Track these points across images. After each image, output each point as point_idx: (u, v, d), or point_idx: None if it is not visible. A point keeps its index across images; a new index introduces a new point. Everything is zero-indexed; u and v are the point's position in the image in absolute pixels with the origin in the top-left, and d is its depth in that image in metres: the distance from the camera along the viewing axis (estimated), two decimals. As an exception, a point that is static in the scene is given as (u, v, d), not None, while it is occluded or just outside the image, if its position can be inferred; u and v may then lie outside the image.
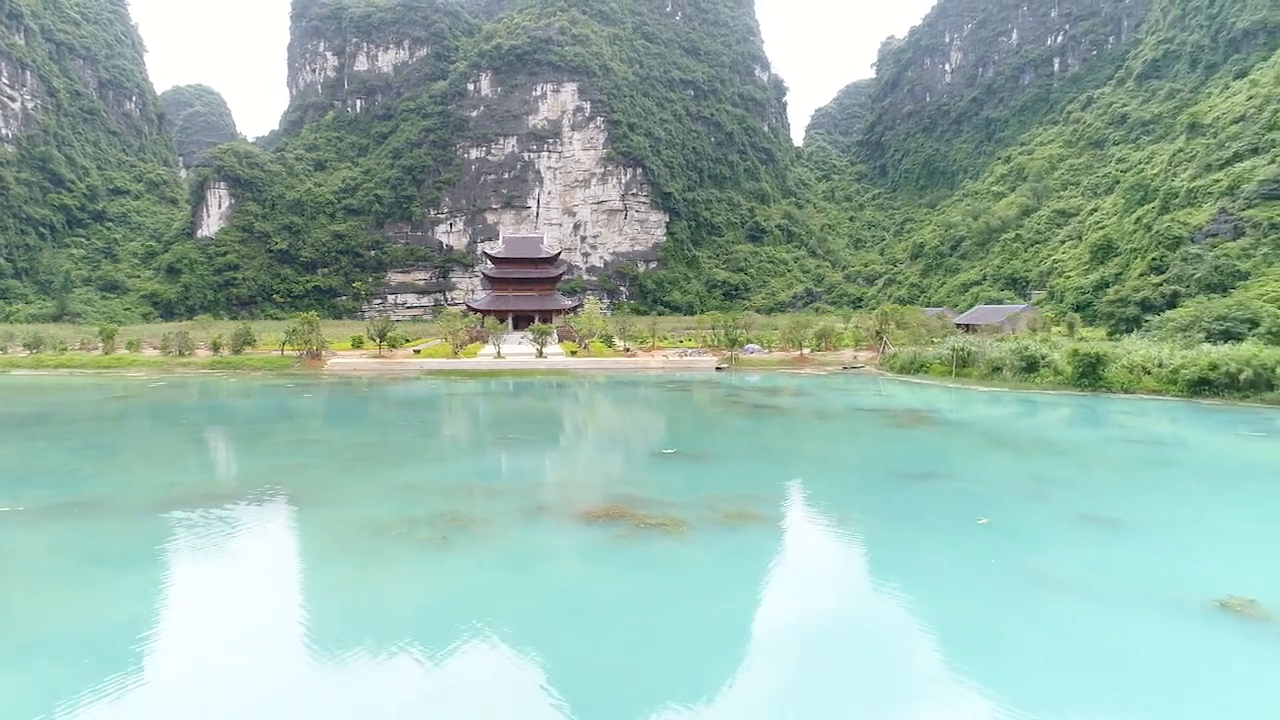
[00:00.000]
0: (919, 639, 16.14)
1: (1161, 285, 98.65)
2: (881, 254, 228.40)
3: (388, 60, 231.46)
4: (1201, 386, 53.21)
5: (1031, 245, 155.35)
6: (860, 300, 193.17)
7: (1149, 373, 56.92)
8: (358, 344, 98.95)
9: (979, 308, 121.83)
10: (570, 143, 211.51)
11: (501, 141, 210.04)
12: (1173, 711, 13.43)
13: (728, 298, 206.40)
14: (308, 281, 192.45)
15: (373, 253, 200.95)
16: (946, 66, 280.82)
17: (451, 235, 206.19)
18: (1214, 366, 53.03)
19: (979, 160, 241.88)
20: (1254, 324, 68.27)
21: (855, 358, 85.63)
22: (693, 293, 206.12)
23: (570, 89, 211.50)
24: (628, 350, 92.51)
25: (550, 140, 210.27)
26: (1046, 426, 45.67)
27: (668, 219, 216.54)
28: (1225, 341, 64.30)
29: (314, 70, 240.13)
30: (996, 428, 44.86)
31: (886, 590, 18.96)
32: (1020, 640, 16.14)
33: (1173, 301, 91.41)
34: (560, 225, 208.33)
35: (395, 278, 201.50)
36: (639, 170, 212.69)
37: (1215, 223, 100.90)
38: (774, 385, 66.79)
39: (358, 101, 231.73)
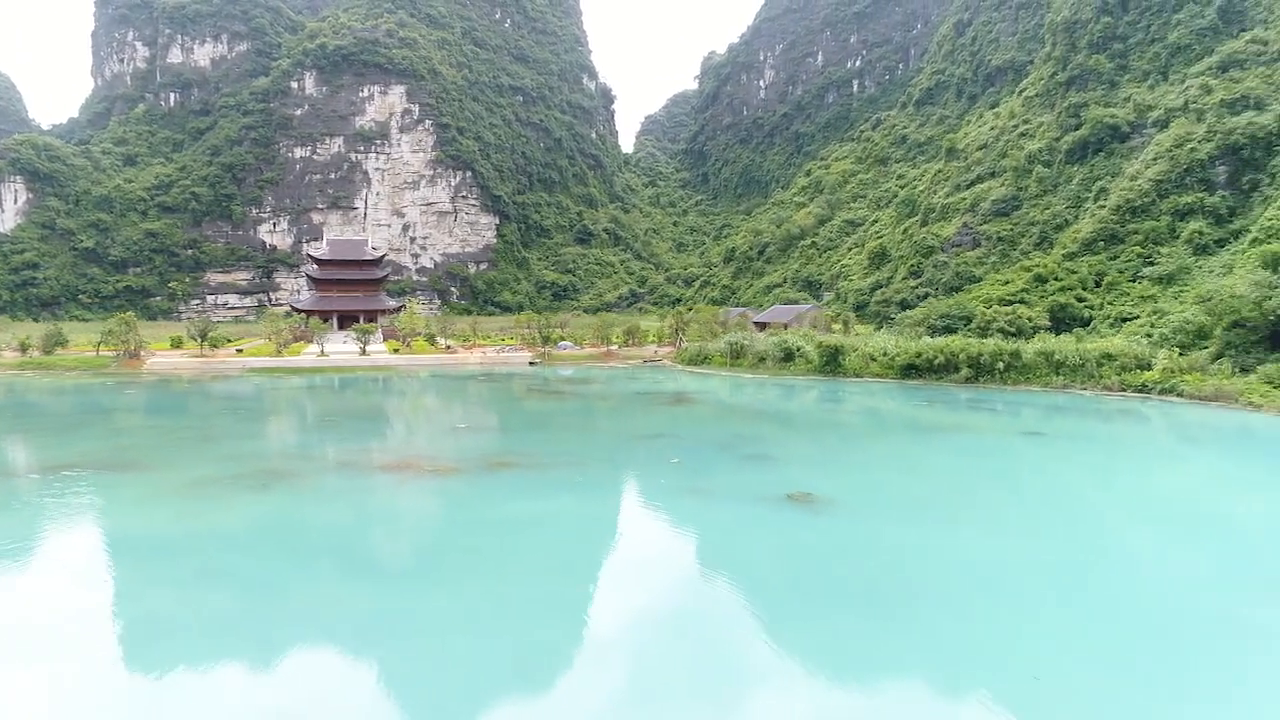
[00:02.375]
0: (600, 524, 24.88)
1: (916, 287, 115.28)
2: (701, 257, 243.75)
3: (204, 54, 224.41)
4: (909, 370, 66.29)
5: (825, 251, 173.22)
6: (680, 300, 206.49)
7: (875, 360, 69.76)
8: (177, 344, 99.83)
9: (774, 308, 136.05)
10: (399, 145, 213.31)
11: (327, 141, 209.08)
12: (747, 548, 22.66)
13: (557, 298, 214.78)
14: (118, 281, 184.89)
15: (190, 252, 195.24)
16: (761, 83, 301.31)
17: (275, 235, 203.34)
18: (919, 354, 66.26)
19: (789, 171, 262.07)
20: (968, 320, 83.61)
21: (656, 352, 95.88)
22: (523, 293, 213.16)
23: (398, 91, 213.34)
24: (449, 348, 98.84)
25: (378, 142, 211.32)
26: (775, 401, 56.67)
27: (498, 221, 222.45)
28: (945, 334, 78.62)
29: (122, 60, 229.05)
30: (735, 403, 55.44)
31: (586, 498, 27.68)
32: (658, 522, 25.22)
33: (922, 301, 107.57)
34: (389, 226, 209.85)
35: (215, 278, 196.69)
36: (469, 173, 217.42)
37: (959, 235, 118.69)
38: (577, 376, 75.53)
39: (172, 95, 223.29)
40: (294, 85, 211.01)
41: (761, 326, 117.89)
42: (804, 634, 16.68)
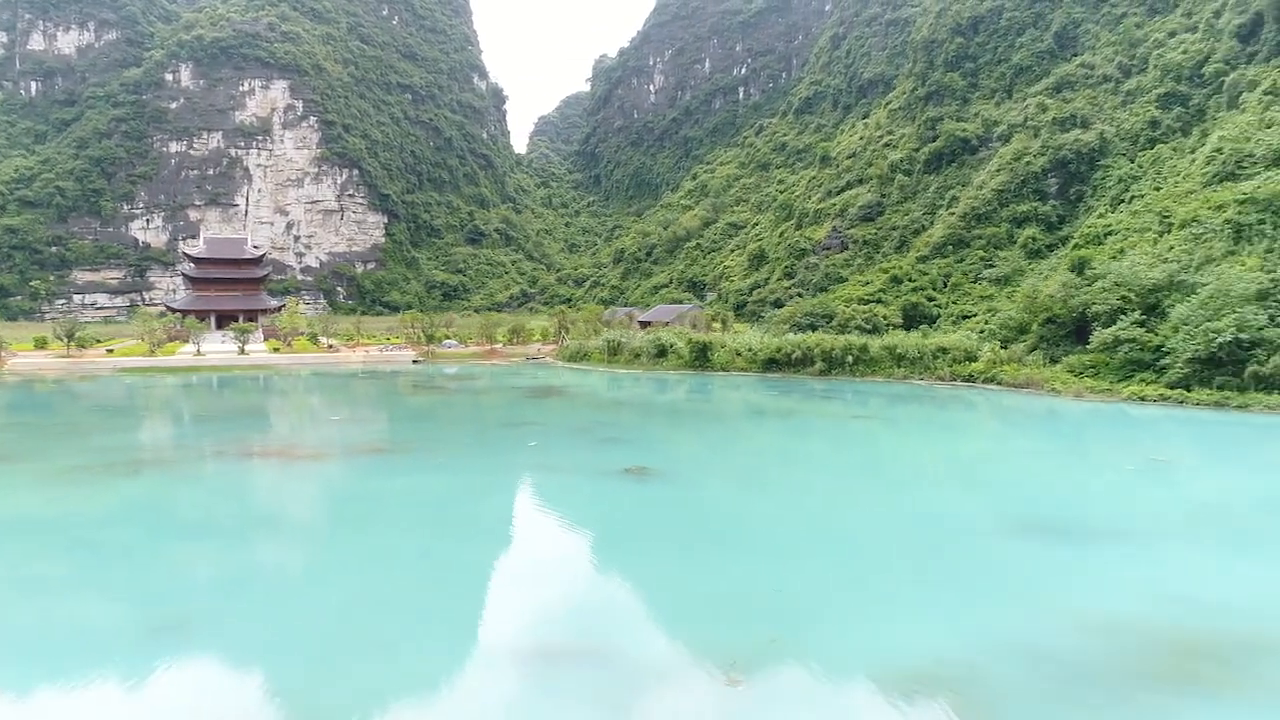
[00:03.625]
0: (455, 494, 27.74)
1: (790, 288, 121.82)
2: (592, 258, 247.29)
3: (69, 41, 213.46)
4: (771, 364, 71.31)
5: (709, 253, 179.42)
6: (570, 301, 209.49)
7: (740, 355, 74.56)
8: (41, 345, 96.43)
9: (658, 307, 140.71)
10: (282, 141, 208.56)
11: (205, 136, 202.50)
12: (580, 507, 25.91)
13: (447, 298, 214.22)
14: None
15: (54, 249, 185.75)
16: (651, 87, 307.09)
17: (149, 232, 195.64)
18: (779, 350, 71.38)
19: (678, 175, 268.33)
20: (830, 318, 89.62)
21: (539, 351, 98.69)
22: (412, 293, 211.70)
23: (281, 86, 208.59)
24: (332, 347, 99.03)
25: (260, 137, 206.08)
26: (640, 393, 60.48)
27: (386, 220, 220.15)
28: (809, 331, 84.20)
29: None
30: (603, 395, 59.03)
31: (445, 475, 30.49)
32: (505, 490, 28.34)
33: (793, 301, 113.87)
34: (272, 224, 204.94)
35: (83, 276, 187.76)
36: (355, 171, 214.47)
37: (829, 238, 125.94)
38: (459, 373, 77.63)
39: (33, 84, 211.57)
40: (169, 77, 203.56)
41: (646, 325, 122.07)
42: (626, 567, 20.16)
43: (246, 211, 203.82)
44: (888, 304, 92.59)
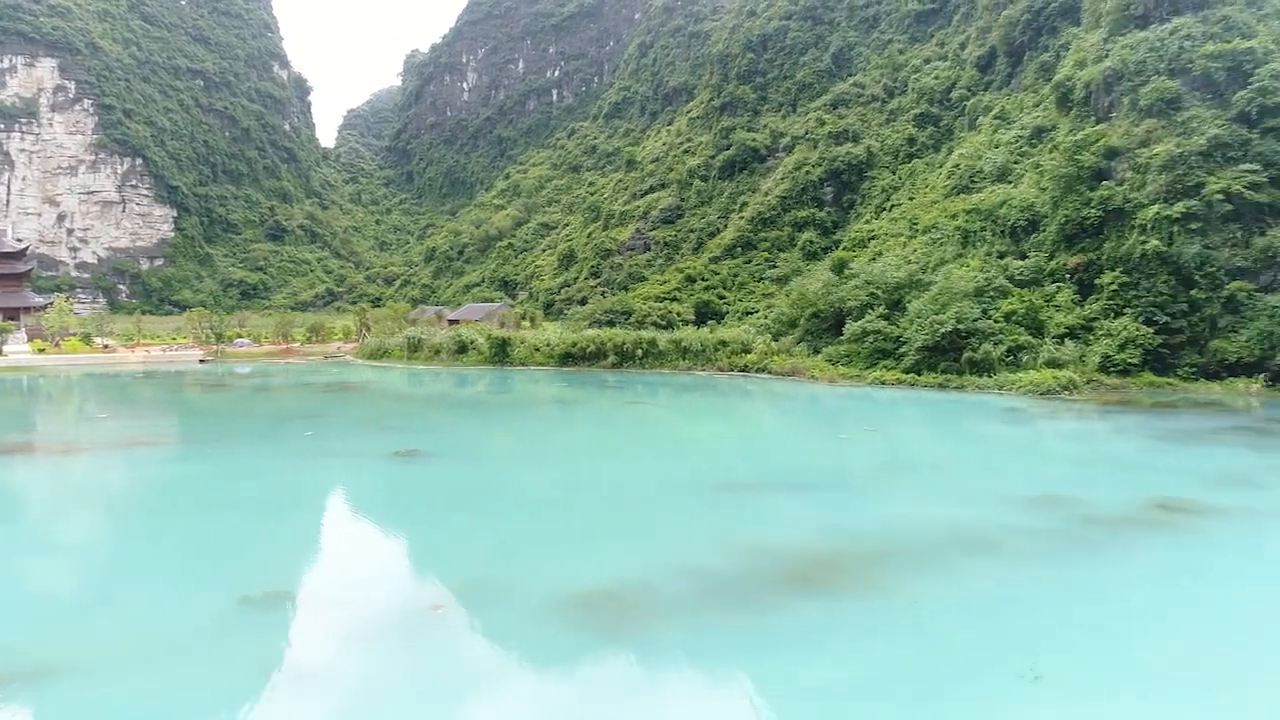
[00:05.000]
0: (220, 479, 28.35)
1: (595, 287, 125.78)
2: (404, 257, 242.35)
3: None
4: (567, 358, 74.32)
5: (521, 253, 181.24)
6: (379, 300, 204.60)
7: (539, 350, 77.11)
8: None
9: (467, 306, 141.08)
10: (51, 125, 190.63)
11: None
12: (345, 483, 27.28)
13: (246, 297, 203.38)
14: None
15: None
16: (465, 85, 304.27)
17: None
18: (574, 345, 74.52)
19: (493, 174, 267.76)
20: (628, 315, 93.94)
21: (339, 349, 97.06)
22: (206, 292, 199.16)
23: (49, 65, 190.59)
24: (107, 347, 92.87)
25: (24, 120, 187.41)
26: (433, 387, 61.80)
27: (175, 214, 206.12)
28: (608, 327, 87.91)
29: None
30: (397, 390, 59.93)
31: (213, 463, 30.92)
32: (273, 474, 29.28)
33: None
34: (39, 216, 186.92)
35: None
36: (139, 160, 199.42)
37: (633, 239, 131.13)
38: (251, 373, 75.38)
39: None
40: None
41: (455, 324, 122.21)
42: (367, 530, 22.04)
43: (8, 201, 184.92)
44: (682, 301, 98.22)
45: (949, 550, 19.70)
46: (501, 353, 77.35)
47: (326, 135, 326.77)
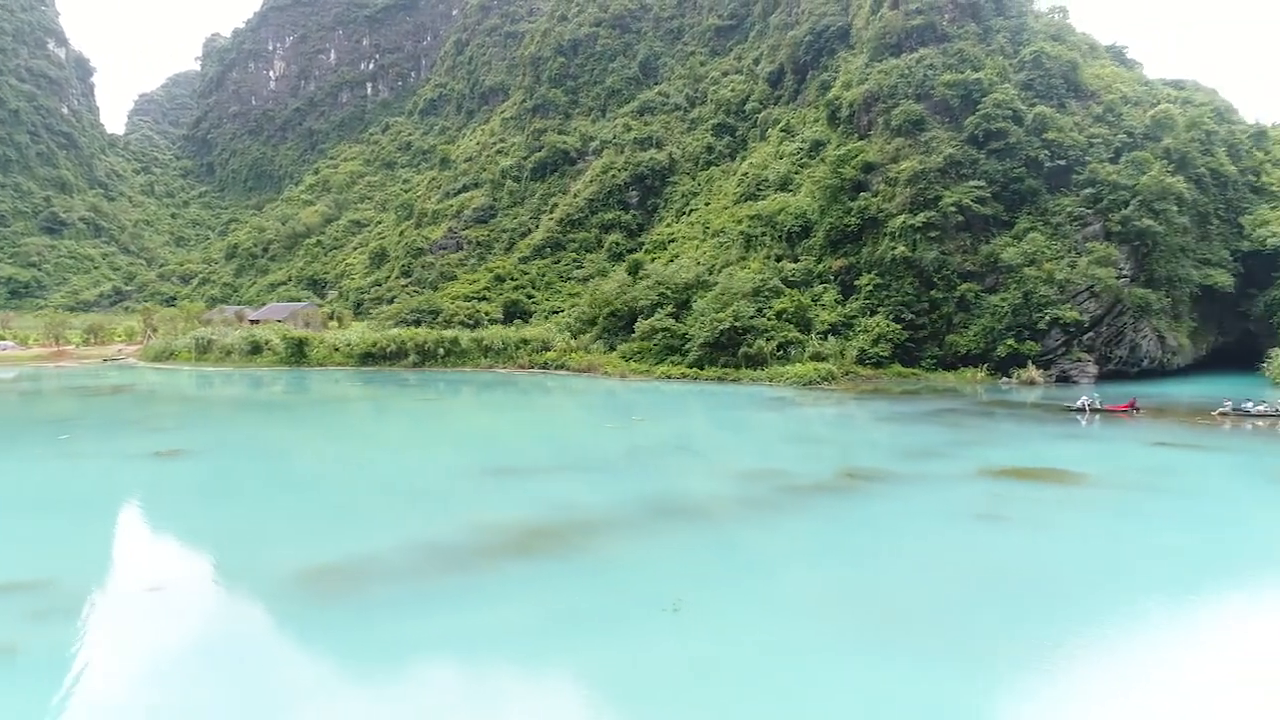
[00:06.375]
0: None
1: (406, 286, 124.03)
2: (204, 253, 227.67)
3: None
4: (367, 358, 73.64)
5: (331, 250, 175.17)
6: (174, 299, 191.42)
7: (339, 350, 75.91)
8: None
9: (270, 305, 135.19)
10: None
11: None
12: (102, 481, 26.81)
13: (17, 296, 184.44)
14: None
15: None
16: (271, 74, 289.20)
17: None
18: (375, 344, 73.94)
19: (303, 168, 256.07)
20: (436, 314, 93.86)
21: (121, 351, 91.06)
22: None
23: None
24: None
25: None
26: (215, 389, 59.97)
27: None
28: (415, 326, 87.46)
29: None
30: (174, 392, 57.84)
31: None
32: (23, 473, 28.36)
33: (412, 299, 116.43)
34: None
35: None
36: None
37: (446, 238, 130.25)
38: (16, 377, 69.56)
39: None
40: None
41: (256, 324, 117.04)
42: (122, 523, 22.23)
43: None
44: (491, 301, 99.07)
45: (660, 518, 22.53)
46: (298, 353, 75.53)
47: (114, 121, 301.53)
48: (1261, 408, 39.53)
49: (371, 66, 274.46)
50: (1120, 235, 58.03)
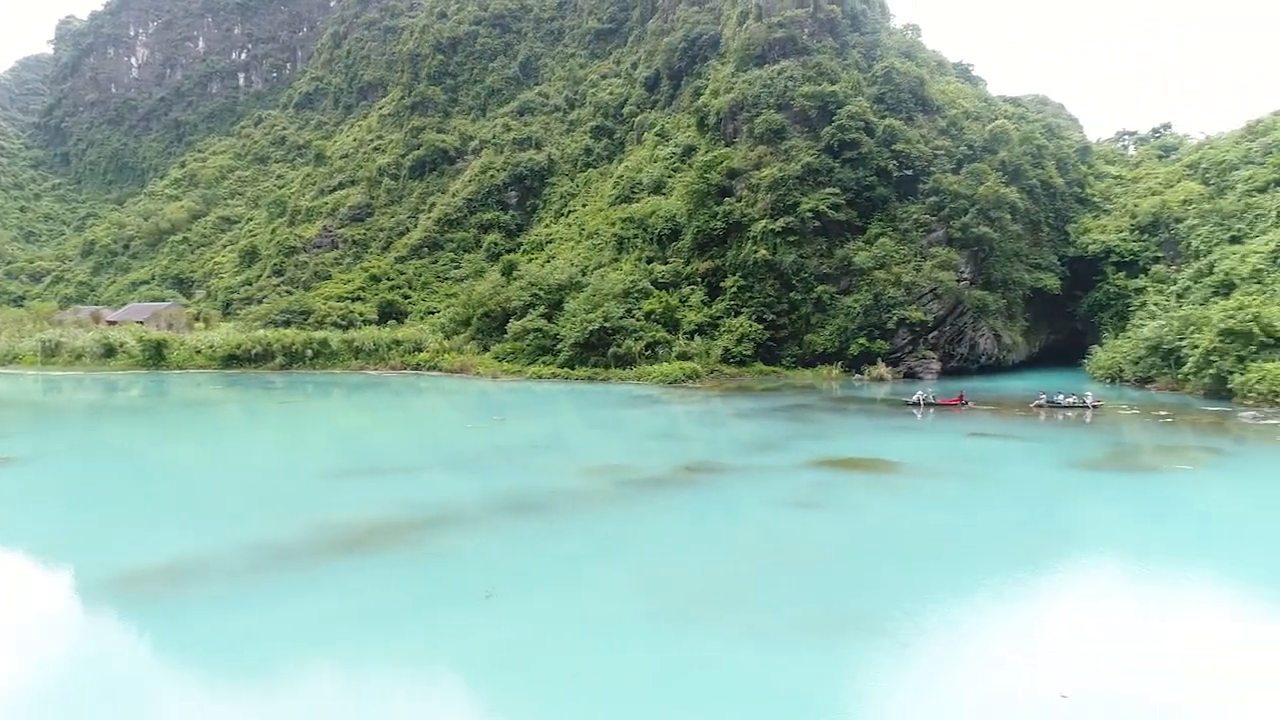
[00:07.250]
0: None
1: (279, 285, 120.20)
2: (57, 250, 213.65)
3: None
4: (231, 360, 71.53)
5: (198, 248, 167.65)
6: (22, 299, 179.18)
7: (200, 353, 73.38)
8: None
9: (130, 306, 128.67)
10: None
11: None
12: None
13: None
14: None
15: None
16: (133, 61, 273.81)
17: None
18: (239, 346, 71.90)
19: (168, 161, 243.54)
20: (307, 315, 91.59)
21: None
22: None
23: None
24: None
25: None
26: (64, 395, 57.28)
27: None
28: (285, 327, 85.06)
29: None
30: (12, 398, 54.82)
31: None
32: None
33: (285, 299, 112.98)
34: None
35: None
36: None
37: (320, 237, 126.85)
38: None
39: None
40: None
41: (115, 325, 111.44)
42: None
43: None
44: (366, 301, 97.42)
45: (499, 513, 23.46)
46: (156, 356, 72.68)
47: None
48: (1070, 399, 43.60)
49: (244, 57, 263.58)
50: (960, 241, 62.44)
